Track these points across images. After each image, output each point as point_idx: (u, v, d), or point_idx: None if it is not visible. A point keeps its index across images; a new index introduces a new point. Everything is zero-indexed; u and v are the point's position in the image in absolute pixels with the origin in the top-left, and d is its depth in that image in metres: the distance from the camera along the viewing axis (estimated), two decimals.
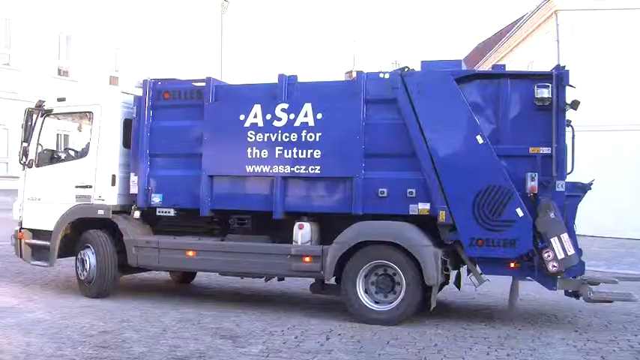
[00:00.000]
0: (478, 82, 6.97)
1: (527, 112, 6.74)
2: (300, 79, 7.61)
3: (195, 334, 6.20)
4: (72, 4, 26.18)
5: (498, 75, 7.00)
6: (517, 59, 23.75)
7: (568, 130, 6.88)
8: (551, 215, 6.43)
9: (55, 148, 9.13)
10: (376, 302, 6.94)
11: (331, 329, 6.47)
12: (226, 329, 6.40)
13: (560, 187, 6.55)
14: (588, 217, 18.00)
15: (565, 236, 6.41)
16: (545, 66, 19.73)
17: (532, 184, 6.52)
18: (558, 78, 6.61)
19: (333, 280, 7.21)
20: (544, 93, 6.54)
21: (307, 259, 7.09)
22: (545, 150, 6.56)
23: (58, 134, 17.61)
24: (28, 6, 24.14)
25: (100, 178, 8.10)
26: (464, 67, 7.22)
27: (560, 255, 6.40)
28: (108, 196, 8.05)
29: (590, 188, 6.99)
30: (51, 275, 9.60)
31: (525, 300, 8.34)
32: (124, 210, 8.13)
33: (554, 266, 6.42)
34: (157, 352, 5.49)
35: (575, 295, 6.82)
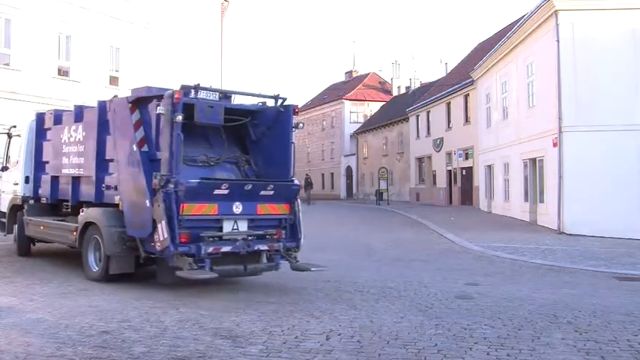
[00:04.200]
0: (148, 103, 8.77)
1: (164, 124, 8.32)
2: (90, 106, 10.53)
3: (195, 334, 6.20)
4: (72, 4, 26.16)
5: (152, 97, 8.68)
6: (517, 59, 23.76)
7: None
8: (159, 206, 7.97)
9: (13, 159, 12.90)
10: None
11: (331, 329, 6.48)
12: (226, 329, 6.41)
13: (170, 184, 8.00)
14: (589, 217, 18.22)
15: (163, 223, 7.88)
16: (546, 66, 19.78)
17: (155, 181, 8.16)
18: (168, 97, 8.16)
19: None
20: (160, 110, 8.24)
21: (74, 233, 9.86)
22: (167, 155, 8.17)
23: None
24: (28, 6, 24.13)
25: (21, 178, 12.16)
26: (154, 91, 8.83)
27: (161, 238, 7.91)
28: (23, 190, 12.09)
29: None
30: (51, 275, 9.63)
31: (525, 300, 8.35)
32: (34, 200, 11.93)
33: (159, 246, 7.98)
34: (156, 352, 5.50)
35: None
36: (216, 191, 8.21)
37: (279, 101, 9.31)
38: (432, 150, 39.34)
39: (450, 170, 36.21)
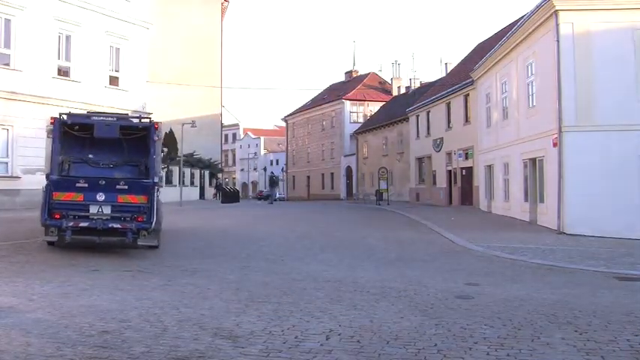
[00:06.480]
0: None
1: (47, 138, 11.92)
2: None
3: (195, 334, 6.20)
4: (72, 4, 26.11)
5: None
6: (517, 59, 23.76)
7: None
8: (42, 193, 11.39)
9: None
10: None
11: (331, 329, 6.48)
12: (226, 329, 6.41)
13: (48, 179, 11.41)
14: (589, 217, 18.20)
15: (42, 204, 11.21)
16: (546, 66, 19.78)
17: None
18: (49, 121, 11.66)
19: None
20: (46, 129, 11.76)
21: None
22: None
23: None
24: (28, 6, 24.09)
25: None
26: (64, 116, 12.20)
27: (39, 214, 11.16)
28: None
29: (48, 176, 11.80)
30: (51, 275, 9.62)
31: (525, 300, 8.36)
32: None
33: (40, 219, 11.20)
34: (156, 352, 5.50)
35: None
36: (78, 184, 11.39)
37: (143, 119, 12.61)
38: (432, 150, 39.36)
39: (450, 170, 36.22)
